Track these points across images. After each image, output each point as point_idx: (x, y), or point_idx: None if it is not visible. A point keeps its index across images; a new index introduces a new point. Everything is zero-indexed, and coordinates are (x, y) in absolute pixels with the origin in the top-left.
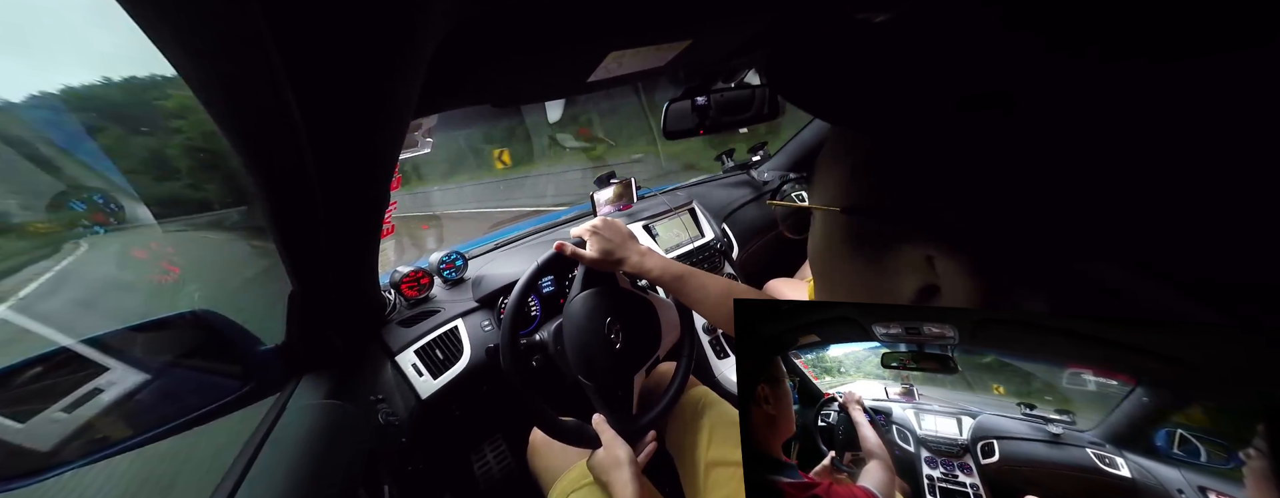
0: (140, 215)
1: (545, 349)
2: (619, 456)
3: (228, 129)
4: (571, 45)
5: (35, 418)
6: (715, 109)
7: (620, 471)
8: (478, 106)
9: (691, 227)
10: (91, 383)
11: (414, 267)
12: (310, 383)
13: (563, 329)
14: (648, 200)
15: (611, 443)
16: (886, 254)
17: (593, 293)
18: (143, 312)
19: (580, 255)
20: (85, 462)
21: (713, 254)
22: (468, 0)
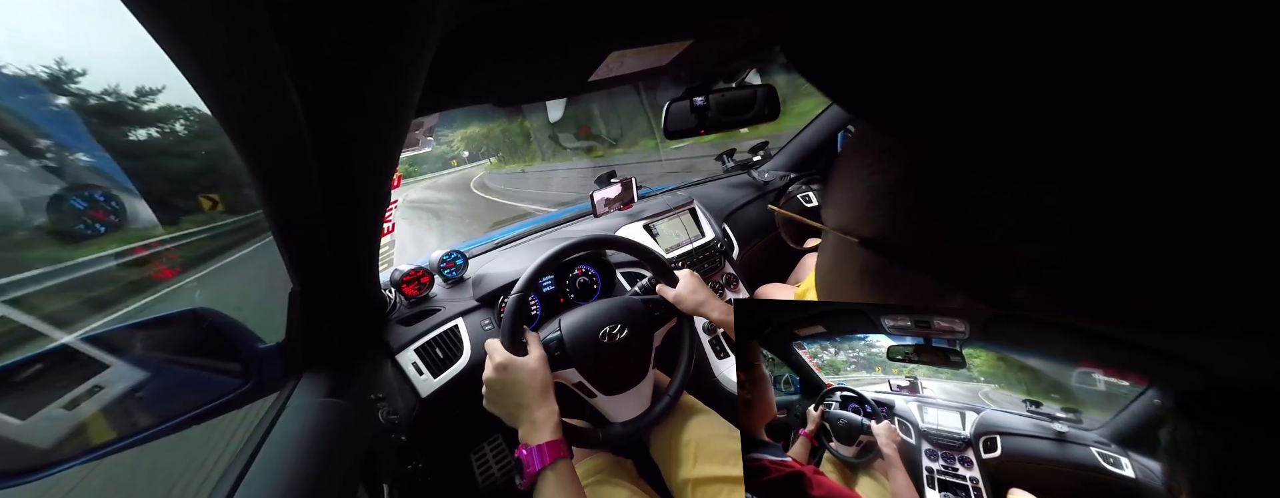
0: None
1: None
2: (537, 372)
3: (229, 128)
4: (573, 45)
5: (36, 415)
6: (715, 109)
7: (530, 381)
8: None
9: (692, 227)
10: (92, 380)
11: (414, 266)
12: (310, 382)
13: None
14: (648, 200)
15: (517, 362)
16: (911, 300)
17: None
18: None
19: (665, 293)
20: (86, 459)
21: (713, 254)
22: (469, 0)
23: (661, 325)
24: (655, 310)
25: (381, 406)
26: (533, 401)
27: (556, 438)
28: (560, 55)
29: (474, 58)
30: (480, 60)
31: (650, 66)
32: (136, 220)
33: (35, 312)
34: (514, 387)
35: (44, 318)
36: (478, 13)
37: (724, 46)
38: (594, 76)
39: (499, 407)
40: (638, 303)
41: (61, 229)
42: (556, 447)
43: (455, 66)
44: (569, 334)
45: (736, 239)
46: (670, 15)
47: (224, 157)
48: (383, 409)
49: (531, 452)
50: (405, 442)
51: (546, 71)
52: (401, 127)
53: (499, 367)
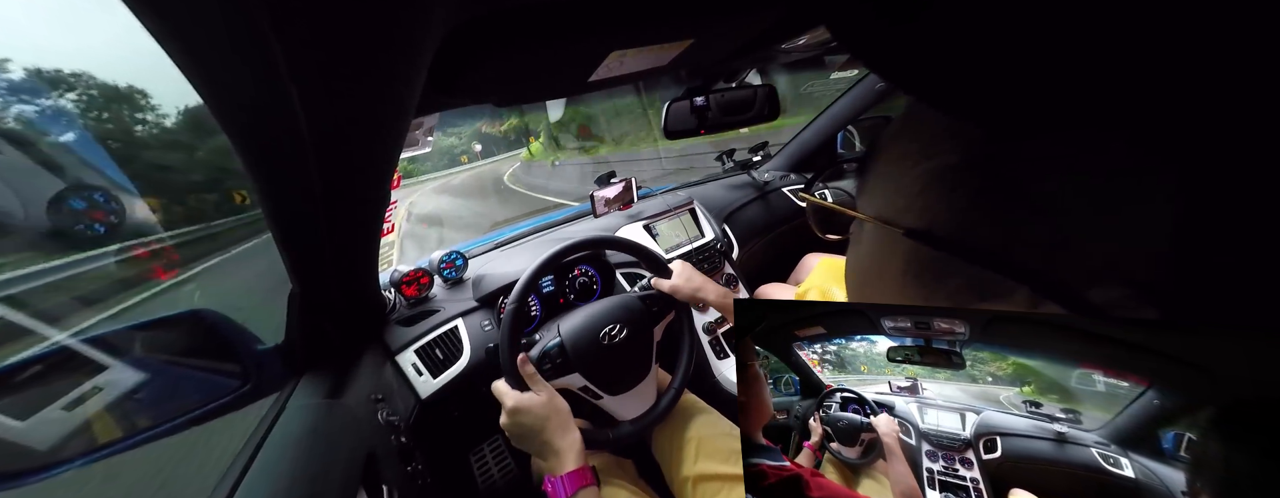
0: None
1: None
2: (549, 405)
3: (230, 127)
4: (573, 44)
5: (35, 416)
6: (716, 109)
7: (552, 421)
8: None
9: (691, 227)
10: (92, 381)
11: (414, 266)
12: (310, 382)
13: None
14: (648, 200)
15: (526, 403)
16: (959, 297)
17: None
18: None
19: (660, 285)
20: (84, 461)
21: (713, 254)
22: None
23: (660, 320)
24: (653, 306)
25: (381, 406)
26: (553, 435)
27: (580, 467)
28: (561, 55)
29: (474, 58)
30: (480, 60)
31: (651, 66)
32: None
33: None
34: (532, 427)
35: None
36: (478, 12)
37: (725, 46)
38: (594, 76)
39: (526, 446)
40: (634, 300)
41: (61, 229)
42: (581, 475)
43: (455, 66)
44: (569, 339)
45: (736, 239)
46: (671, 15)
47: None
48: (382, 410)
49: (557, 484)
50: (405, 443)
51: (547, 71)
52: (401, 126)
53: (510, 412)
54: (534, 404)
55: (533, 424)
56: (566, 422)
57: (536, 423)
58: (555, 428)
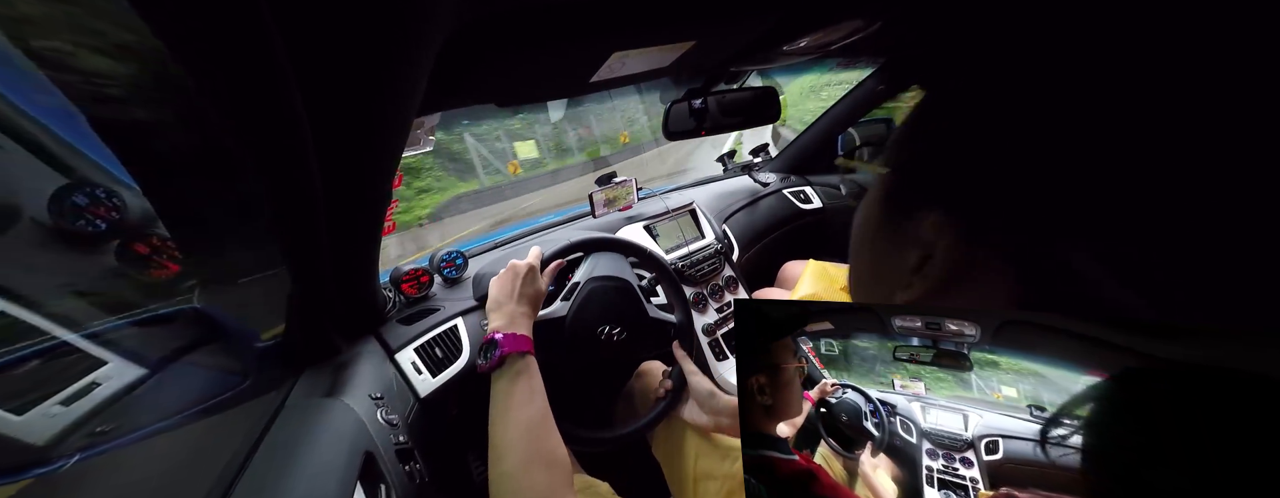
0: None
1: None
2: (535, 288)
3: (231, 126)
4: (575, 45)
5: (32, 412)
6: (716, 110)
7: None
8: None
9: (691, 228)
10: (89, 377)
11: (414, 265)
12: (309, 381)
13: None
14: (648, 201)
15: (524, 272)
16: (907, 223)
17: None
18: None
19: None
20: (80, 458)
21: (712, 256)
22: (473, 0)
23: (652, 354)
24: (660, 343)
25: (380, 405)
26: (523, 298)
27: (527, 334)
28: (562, 56)
29: (476, 58)
30: (482, 61)
31: (652, 67)
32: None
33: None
34: (511, 292)
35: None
36: (481, 13)
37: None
38: (596, 77)
39: (495, 310)
40: (650, 321)
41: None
42: (526, 342)
43: (457, 67)
44: (576, 307)
45: (736, 241)
46: (672, 17)
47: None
48: (382, 409)
49: (506, 338)
50: (403, 442)
51: (548, 72)
52: (404, 126)
53: (512, 267)
54: (534, 276)
55: (516, 289)
56: (536, 305)
57: (520, 284)
58: (526, 298)
